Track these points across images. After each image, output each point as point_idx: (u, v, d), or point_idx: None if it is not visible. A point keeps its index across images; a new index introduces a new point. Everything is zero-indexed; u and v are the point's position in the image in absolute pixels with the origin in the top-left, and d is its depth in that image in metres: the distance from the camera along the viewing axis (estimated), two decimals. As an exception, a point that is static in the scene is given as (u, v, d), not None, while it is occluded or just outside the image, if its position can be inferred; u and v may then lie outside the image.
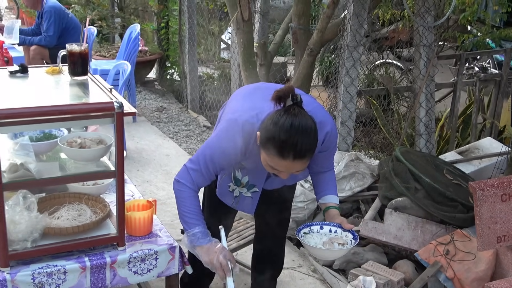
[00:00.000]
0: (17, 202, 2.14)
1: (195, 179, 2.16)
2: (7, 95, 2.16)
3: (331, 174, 2.43)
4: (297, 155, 1.93)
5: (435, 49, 3.86)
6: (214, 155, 2.13)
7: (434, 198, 3.38)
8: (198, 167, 2.16)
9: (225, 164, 2.17)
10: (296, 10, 3.94)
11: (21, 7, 9.94)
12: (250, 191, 2.43)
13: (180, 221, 2.20)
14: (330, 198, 2.37)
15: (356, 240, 2.22)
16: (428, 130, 4.03)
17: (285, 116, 1.93)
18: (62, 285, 2.17)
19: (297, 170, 2.02)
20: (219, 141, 2.14)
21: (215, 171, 2.17)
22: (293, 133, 1.91)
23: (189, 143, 5.38)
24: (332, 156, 2.42)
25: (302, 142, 1.92)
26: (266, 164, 2.05)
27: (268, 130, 1.95)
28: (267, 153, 1.98)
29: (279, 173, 2.05)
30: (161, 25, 7.25)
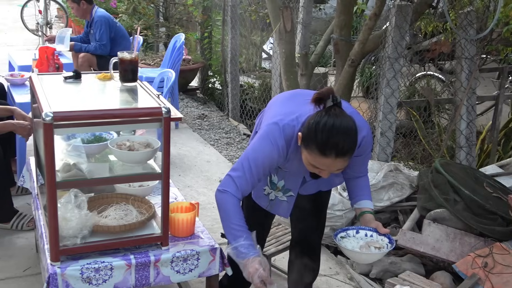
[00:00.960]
0: (69, 200, 2.25)
1: (239, 186, 2.19)
2: (63, 99, 2.28)
3: (365, 180, 2.48)
4: (339, 153, 1.99)
5: (477, 62, 3.86)
6: (257, 158, 2.20)
7: (474, 210, 3.38)
8: (242, 173, 2.20)
9: (267, 167, 2.23)
10: (338, 22, 4.00)
11: (70, 16, 10.27)
12: (286, 195, 2.49)
13: (223, 230, 2.23)
14: (365, 203, 2.42)
15: (392, 244, 2.26)
16: (469, 143, 4.02)
17: (326, 116, 2.00)
18: (108, 280, 2.27)
19: (338, 169, 2.07)
20: (261, 145, 2.21)
21: (258, 176, 2.23)
22: (334, 131, 1.98)
23: (229, 150, 5.48)
24: (367, 162, 2.47)
25: (343, 140, 1.99)
26: (307, 163, 2.11)
27: (310, 130, 2.02)
28: (309, 152, 2.04)
29: (320, 172, 2.10)
30: (204, 34, 7.40)
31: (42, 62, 4.64)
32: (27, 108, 4.11)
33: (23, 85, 4.72)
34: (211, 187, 4.55)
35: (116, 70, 2.58)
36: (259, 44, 9.25)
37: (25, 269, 3.26)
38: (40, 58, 4.64)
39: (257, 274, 2.08)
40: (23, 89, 4.62)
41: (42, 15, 8.67)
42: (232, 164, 5.12)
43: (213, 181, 4.67)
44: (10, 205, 3.69)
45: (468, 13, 3.79)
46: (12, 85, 4.71)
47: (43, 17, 8.66)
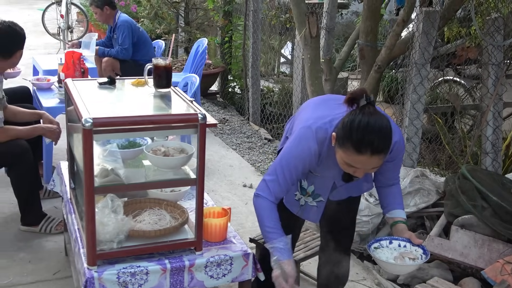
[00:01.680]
0: (105, 205, 2.28)
1: (273, 190, 2.24)
2: (99, 105, 2.31)
3: (397, 188, 2.47)
4: (374, 150, 2.00)
5: (504, 68, 3.85)
6: (290, 162, 2.23)
7: (502, 216, 3.36)
8: (275, 177, 2.25)
9: (300, 170, 2.25)
10: (364, 27, 4.01)
11: (91, 20, 10.37)
12: (316, 200, 2.51)
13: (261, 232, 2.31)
14: (398, 213, 2.41)
15: (427, 256, 2.25)
16: (495, 149, 4.01)
17: (361, 114, 2.02)
18: (144, 285, 2.29)
19: (373, 167, 2.08)
20: (294, 148, 2.23)
21: (291, 179, 2.26)
22: (369, 129, 1.99)
23: (251, 154, 5.49)
24: (398, 169, 2.47)
25: (379, 138, 2.00)
26: (342, 163, 2.11)
27: (345, 128, 2.04)
28: (344, 150, 2.05)
29: (355, 171, 2.11)
30: (225, 39, 7.44)
31: (68, 66, 4.69)
32: (54, 112, 4.18)
33: (49, 89, 4.78)
34: (235, 191, 4.57)
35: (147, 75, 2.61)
36: (277, 48, 9.29)
37: (55, 272, 3.30)
38: (66, 62, 4.69)
39: (277, 282, 2.19)
40: (50, 93, 4.68)
41: (63, 19, 8.77)
42: (255, 168, 5.13)
43: (237, 186, 4.69)
44: (39, 209, 3.74)
45: (495, 19, 3.79)
46: (38, 89, 4.77)
47: (65, 21, 8.76)
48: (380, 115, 2.06)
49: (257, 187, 2.30)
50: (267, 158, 5.43)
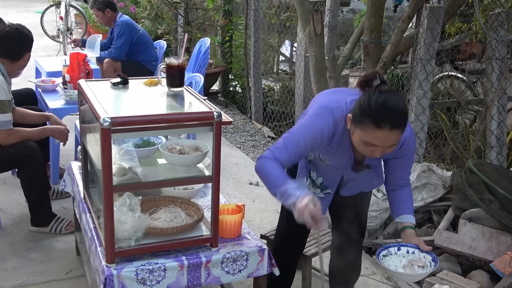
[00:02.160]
0: (123, 203, 2.31)
1: (277, 155, 2.20)
2: (115, 105, 2.34)
3: (408, 192, 2.47)
4: (394, 124, 2.02)
5: (507, 63, 3.89)
6: (302, 134, 2.23)
7: (509, 209, 3.40)
8: (282, 146, 2.23)
9: (310, 144, 2.23)
10: (369, 25, 4.04)
11: (89, 22, 10.38)
12: (324, 192, 2.54)
13: (269, 191, 2.20)
14: (407, 218, 2.42)
15: (436, 263, 2.26)
16: (500, 143, 4.05)
17: (377, 92, 2.05)
18: (162, 281, 2.32)
19: (392, 144, 2.08)
20: (309, 123, 2.25)
21: (299, 151, 2.23)
22: (388, 104, 2.02)
23: (255, 153, 5.52)
24: (409, 169, 2.48)
25: (397, 112, 2.03)
26: (360, 143, 2.11)
27: (363, 106, 2.06)
28: (363, 128, 2.06)
29: (373, 151, 2.11)
30: (225, 38, 7.46)
31: (73, 68, 4.71)
32: (60, 113, 4.20)
33: (54, 91, 4.79)
34: (241, 189, 4.60)
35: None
36: (277, 47, 9.32)
37: (67, 272, 3.33)
38: (71, 64, 4.71)
39: (307, 210, 2.03)
40: (55, 95, 4.70)
41: (63, 21, 8.77)
42: (260, 166, 5.16)
43: (243, 184, 4.72)
44: (48, 209, 3.76)
45: (499, 14, 3.82)
46: (43, 91, 4.78)
47: (64, 23, 8.76)
48: (396, 92, 2.10)
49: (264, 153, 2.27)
50: (272, 156, 5.46)
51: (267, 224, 3.95)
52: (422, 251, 2.31)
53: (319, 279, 3.33)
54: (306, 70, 5.61)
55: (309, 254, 3.02)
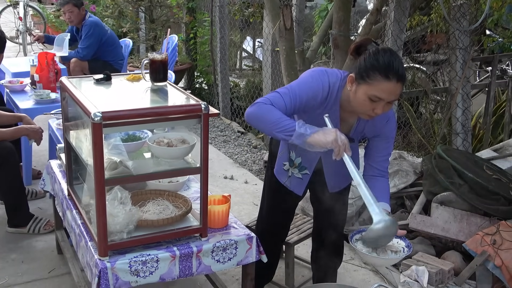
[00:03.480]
0: (115, 197, 2.34)
1: (272, 100, 2.24)
2: (103, 100, 2.36)
3: (385, 183, 2.55)
4: (400, 76, 2.13)
5: (470, 52, 4.06)
6: (300, 86, 2.29)
7: (478, 192, 3.56)
8: (278, 95, 2.26)
9: (304, 100, 2.28)
10: (337, 18, 4.15)
11: (48, 22, 10.22)
12: (301, 173, 2.64)
13: (271, 132, 2.23)
14: (383, 205, 2.43)
15: (409, 249, 2.29)
16: (465, 129, 4.21)
17: (381, 50, 2.17)
18: (154, 272, 2.36)
19: (394, 98, 2.18)
20: (307, 79, 2.32)
21: (295, 102, 2.26)
22: (393, 58, 2.14)
23: (227, 147, 5.58)
24: (388, 153, 2.54)
25: (401, 65, 2.15)
26: (365, 99, 2.18)
27: (369, 61, 2.15)
28: (370, 83, 2.14)
29: (376, 108, 2.18)
30: (190, 36, 7.48)
31: (42, 68, 4.67)
32: (31, 113, 4.17)
33: (23, 92, 4.74)
34: (217, 183, 4.66)
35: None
36: (239, 43, 9.39)
37: (50, 271, 3.33)
38: (39, 64, 4.68)
39: (339, 136, 2.16)
40: (24, 95, 4.65)
41: (22, 22, 8.63)
42: (233, 160, 5.23)
43: (218, 178, 4.78)
44: (26, 210, 3.75)
45: (461, 5, 3.98)
46: (12, 92, 4.73)
47: (23, 23, 8.63)
48: (394, 51, 2.22)
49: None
50: (243, 150, 5.53)
51: (244, 216, 4.02)
52: (396, 236, 2.32)
53: (302, 267, 3.43)
54: (273, 65, 5.70)
55: (292, 242, 3.10)
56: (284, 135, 2.21)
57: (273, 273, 3.11)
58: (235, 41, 9.14)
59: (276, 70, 5.69)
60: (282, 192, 2.72)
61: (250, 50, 9.67)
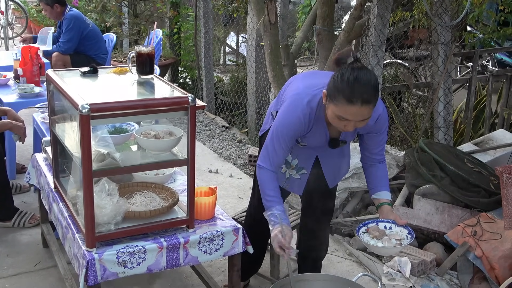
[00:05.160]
0: (102, 189, 2.36)
1: (271, 160, 2.41)
2: (90, 92, 2.37)
3: (384, 168, 2.60)
4: (364, 100, 2.13)
5: (452, 47, 4.12)
6: (283, 130, 2.37)
7: (459, 184, 3.63)
8: (272, 148, 2.40)
9: (293, 136, 2.40)
10: (321, 13, 4.19)
11: (29, 16, 10.13)
12: (299, 173, 2.67)
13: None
14: (383, 195, 2.55)
15: (412, 235, 2.40)
16: (446, 123, 4.28)
17: (350, 69, 2.17)
18: (142, 263, 2.38)
19: (363, 119, 2.19)
20: (285, 116, 2.38)
21: (286, 147, 2.40)
22: (359, 80, 2.13)
23: (212, 142, 5.60)
24: (383, 144, 2.59)
25: (368, 88, 2.13)
26: (334, 117, 2.22)
27: (336, 82, 2.18)
28: (336, 103, 2.18)
29: (346, 125, 2.22)
30: (174, 30, 7.48)
31: (25, 61, 4.65)
32: (15, 107, 4.14)
33: (6, 86, 4.71)
34: (202, 177, 4.68)
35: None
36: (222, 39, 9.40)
37: (36, 264, 3.32)
38: (23, 57, 4.65)
39: (276, 240, 2.31)
40: (8, 89, 4.62)
41: (3, 16, 8.55)
42: (217, 155, 5.26)
43: (203, 172, 4.80)
44: (10, 204, 3.73)
45: (442, 1, 4.05)
46: (-6, 86, 4.70)
47: (5, 17, 8.55)
48: (368, 69, 2.22)
49: (259, 158, 2.46)
50: (228, 144, 5.56)
51: (230, 210, 4.04)
52: (398, 225, 2.45)
53: (286, 257, 3.46)
54: (258, 60, 5.73)
55: (277, 234, 3.13)
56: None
57: (260, 265, 3.14)
58: (218, 36, 9.16)
59: (261, 65, 5.72)
60: None
61: (234, 45, 9.69)
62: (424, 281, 3.23)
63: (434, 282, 3.24)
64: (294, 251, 2.34)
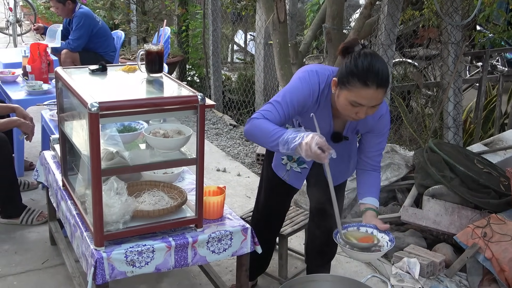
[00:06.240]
0: (111, 187, 2.35)
1: (266, 116, 2.28)
2: (99, 91, 2.36)
3: (377, 178, 2.55)
4: (379, 82, 2.11)
5: (462, 47, 4.09)
6: (289, 95, 2.31)
7: (469, 185, 3.60)
8: (271, 108, 2.30)
9: (296, 105, 2.31)
10: (331, 12, 4.17)
11: (38, 13, 10.15)
12: (300, 167, 2.65)
13: (268, 146, 2.26)
14: (371, 200, 2.49)
15: (392, 243, 2.30)
16: (456, 123, 4.25)
17: (363, 54, 2.15)
18: (150, 262, 2.37)
19: (376, 103, 2.17)
20: (295, 84, 2.33)
21: (287, 113, 2.30)
22: (374, 62, 2.12)
23: (220, 140, 5.59)
24: (381, 148, 2.55)
25: (382, 69, 2.12)
26: (346, 104, 2.19)
27: (348, 67, 2.15)
28: (350, 88, 2.15)
29: (358, 112, 2.19)
30: (182, 28, 7.47)
31: (34, 59, 4.65)
32: (24, 104, 4.15)
33: (14, 82, 4.72)
34: (210, 176, 4.67)
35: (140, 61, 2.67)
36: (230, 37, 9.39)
37: (44, 262, 3.33)
38: (32, 54, 4.66)
39: (314, 142, 2.11)
40: (16, 86, 4.63)
41: (12, 12, 8.57)
42: (225, 153, 5.25)
43: (210, 170, 4.79)
44: (19, 201, 3.74)
45: (453, 0, 4.01)
46: (3, 83, 4.70)
47: (14, 14, 8.57)
48: (379, 55, 2.21)
49: (252, 115, 2.34)
50: (235, 143, 5.55)
51: (237, 209, 4.03)
52: (380, 231, 2.36)
53: (295, 259, 3.46)
54: (266, 58, 5.72)
55: (286, 234, 3.12)
56: (277, 150, 2.24)
57: (267, 264, 3.13)
58: (226, 34, 9.15)
59: (269, 64, 5.71)
60: (279, 185, 2.74)
61: (242, 43, 9.67)
62: (433, 282, 3.20)
63: (443, 283, 3.21)
64: (334, 152, 2.18)
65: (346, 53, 2.21)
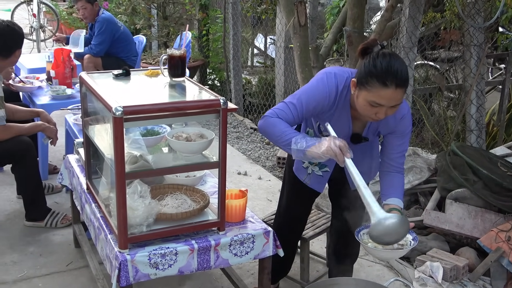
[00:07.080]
0: (134, 190, 2.38)
1: (280, 115, 2.29)
2: (123, 95, 2.39)
3: (400, 179, 2.53)
4: (398, 82, 2.12)
5: (485, 49, 4.05)
6: (307, 94, 2.32)
7: (492, 188, 3.56)
8: (285, 107, 2.31)
9: (311, 108, 2.31)
10: (352, 14, 4.16)
11: (61, 19, 10.28)
12: (322, 170, 2.65)
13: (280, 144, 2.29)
14: (395, 201, 2.45)
15: (415, 241, 2.28)
16: (479, 126, 4.22)
17: (381, 54, 2.15)
18: (173, 265, 2.39)
19: (395, 103, 2.17)
20: (313, 85, 2.34)
21: (301, 113, 2.31)
22: (392, 62, 2.13)
23: (240, 144, 5.61)
24: (404, 149, 2.52)
25: (401, 69, 2.13)
26: (365, 104, 2.19)
27: (368, 68, 2.16)
28: (369, 89, 2.15)
29: (377, 112, 2.19)
30: (202, 32, 7.52)
31: (58, 64, 4.72)
32: (48, 109, 4.22)
33: (39, 87, 4.79)
34: (231, 179, 4.69)
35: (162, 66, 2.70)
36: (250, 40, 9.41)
37: (68, 264, 3.37)
38: (55, 60, 4.72)
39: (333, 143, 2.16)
40: (41, 91, 4.70)
41: (36, 18, 8.69)
42: (246, 157, 5.26)
43: (231, 174, 4.81)
44: (43, 204, 3.79)
45: (476, 2, 3.98)
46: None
47: (37, 20, 8.69)
48: (398, 55, 2.22)
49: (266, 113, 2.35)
50: (256, 146, 5.56)
51: (258, 212, 4.04)
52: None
53: (317, 262, 3.45)
54: (286, 62, 5.73)
55: (307, 237, 3.12)
56: (287, 150, 2.27)
57: (289, 267, 3.13)
58: (246, 38, 9.18)
59: (289, 67, 5.72)
60: (301, 189, 2.74)
61: (262, 47, 9.69)
62: (457, 286, 3.18)
63: (467, 287, 3.19)
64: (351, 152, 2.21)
65: (365, 54, 2.22)
